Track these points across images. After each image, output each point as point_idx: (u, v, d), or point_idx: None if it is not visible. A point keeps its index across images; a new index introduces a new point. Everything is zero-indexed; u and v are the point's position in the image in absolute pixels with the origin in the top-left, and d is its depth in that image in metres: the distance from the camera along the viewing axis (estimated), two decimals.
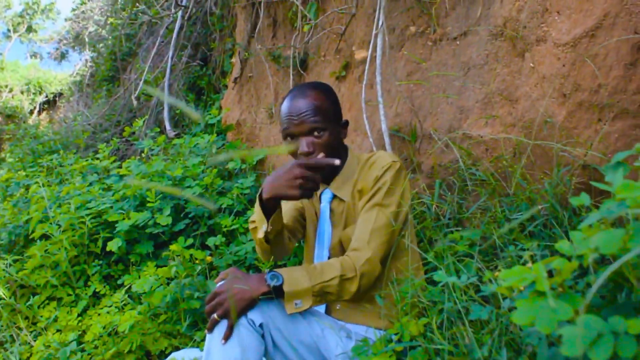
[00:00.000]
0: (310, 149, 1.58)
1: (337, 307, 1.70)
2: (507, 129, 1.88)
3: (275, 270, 1.46)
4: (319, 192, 1.76)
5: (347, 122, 1.72)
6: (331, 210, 1.71)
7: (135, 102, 5.34)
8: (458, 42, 2.11)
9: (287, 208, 1.83)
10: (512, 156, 1.85)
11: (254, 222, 1.65)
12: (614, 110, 1.56)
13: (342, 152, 1.71)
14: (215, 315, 1.39)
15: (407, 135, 2.29)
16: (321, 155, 1.59)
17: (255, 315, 1.42)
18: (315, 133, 1.58)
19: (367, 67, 2.34)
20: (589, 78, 1.60)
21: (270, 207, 1.55)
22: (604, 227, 0.85)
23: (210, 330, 1.40)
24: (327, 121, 1.60)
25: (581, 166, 1.65)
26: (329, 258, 1.71)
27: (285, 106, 1.63)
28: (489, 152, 1.94)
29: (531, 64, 1.79)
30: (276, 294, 1.42)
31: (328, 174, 1.69)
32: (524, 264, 0.84)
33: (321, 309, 1.70)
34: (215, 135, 3.49)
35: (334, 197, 1.70)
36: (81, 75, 11.13)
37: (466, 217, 1.91)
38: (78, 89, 10.12)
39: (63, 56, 17.77)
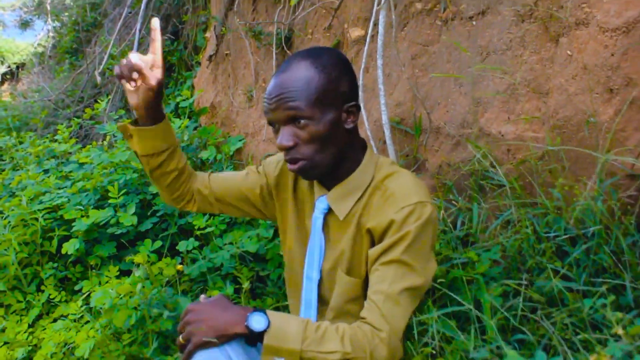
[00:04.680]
0: (289, 142, 1.18)
1: None
2: (535, 127, 1.60)
3: (264, 311, 1.12)
4: (313, 198, 1.37)
5: (357, 106, 1.25)
6: (325, 224, 1.34)
7: (99, 78, 4.91)
8: (474, 23, 1.81)
9: (236, 185, 1.49)
10: (538, 160, 1.58)
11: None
12: None
13: (350, 150, 1.28)
14: (180, 338, 1.12)
15: (411, 129, 1.99)
16: (306, 150, 1.20)
17: None
18: (297, 122, 1.18)
19: (365, 48, 2.02)
20: None
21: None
22: None
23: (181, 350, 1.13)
24: (317, 106, 1.16)
25: (629, 176, 1.38)
26: (319, 281, 1.35)
27: (270, 83, 1.24)
28: (511, 153, 1.66)
29: (568, 52, 1.50)
30: (256, 337, 1.10)
31: (325, 172, 1.25)
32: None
33: None
34: (188, 119, 3.14)
35: (330, 209, 1.32)
36: (43, 46, 10.47)
37: (483, 230, 1.64)
38: (39, 61, 9.52)
39: (27, 24, 16.83)
